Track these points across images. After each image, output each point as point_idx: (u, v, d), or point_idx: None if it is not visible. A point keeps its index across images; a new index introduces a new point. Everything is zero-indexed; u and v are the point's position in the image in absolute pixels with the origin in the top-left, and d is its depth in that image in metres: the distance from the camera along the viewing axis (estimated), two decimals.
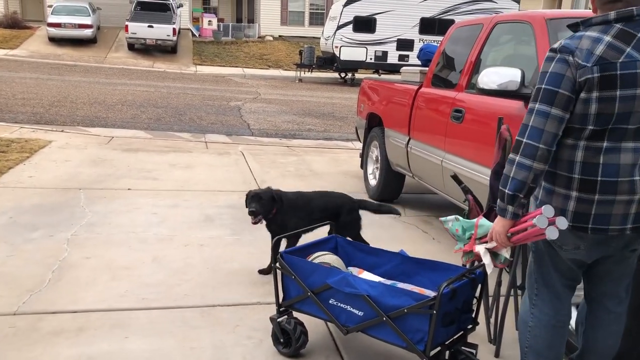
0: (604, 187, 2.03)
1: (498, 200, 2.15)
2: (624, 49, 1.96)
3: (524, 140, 2.04)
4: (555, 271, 2.25)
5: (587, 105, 1.98)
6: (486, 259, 2.31)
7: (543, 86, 2.03)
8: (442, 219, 2.57)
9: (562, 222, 2.02)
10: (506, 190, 2.09)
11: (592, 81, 1.95)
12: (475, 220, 2.41)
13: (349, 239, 3.35)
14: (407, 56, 20.45)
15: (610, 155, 2.01)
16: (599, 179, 2.03)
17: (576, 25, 2.12)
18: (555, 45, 2.05)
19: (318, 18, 30.00)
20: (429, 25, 20.39)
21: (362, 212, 3.97)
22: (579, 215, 2.07)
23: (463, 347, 2.72)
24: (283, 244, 3.54)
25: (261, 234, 4.62)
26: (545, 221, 2.02)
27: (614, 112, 1.97)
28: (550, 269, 2.25)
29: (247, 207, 3.61)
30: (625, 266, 2.25)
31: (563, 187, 2.09)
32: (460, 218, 2.49)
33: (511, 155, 2.08)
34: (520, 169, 2.04)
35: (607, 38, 1.97)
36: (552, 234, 2.02)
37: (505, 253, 2.28)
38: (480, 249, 2.34)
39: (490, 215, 2.64)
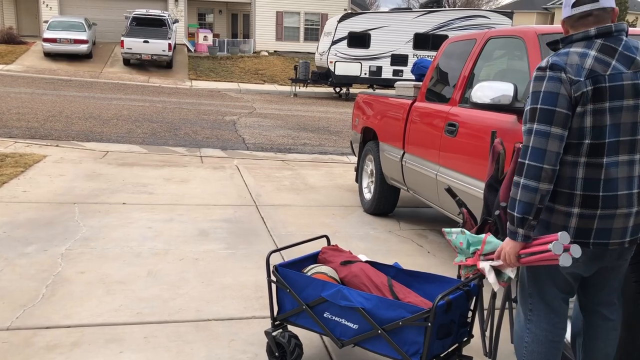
0: (606, 202, 2.06)
1: (508, 223, 2.12)
2: (610, 62, 2.03)
3: (527, 162, 2.03)
4: (553, 285, 2.24)
5: (582, 118, 2.02)
6: (491, 277, 2.28)
7: (539, 106, 2.03)
8: (446, 230, 2.53)
9: (577, 250, 2.00)
10: (515, 214, 2.07)
11: (586, 94, 2.01)
12: (483, 236, 2.36)
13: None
14: (401, 71, 20.60)
15: (611, 170, 2.05)
16: (601, 194, 2.05)
17: (555, 43, 2.18)
18: (543, 64, 2.07)
19: (313, 33, 30.24)
20: (422, 41, 20.57)
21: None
22: (580, 231, 2.09)
23: None
24: (278, 258, 3.54)
25: (256, 249, 4.63)
26: (561, 247, 1.99)
27: (605, 124, 2.02)
28: (548, 283, 2.25)
29: None
30: (618, 274, 2.30)
31: (564, 204, 2.10)
32: (467, 232, 2.44)
33: (516, 178, 2.07)
34: (526, 191, 2.03)
35: (593, 52, 2.05)
36: (566, 261, 1.99)
37: (511, 273, 2.25)
38: (485, 266, 2.30)
39: (484, 228, 2.65)
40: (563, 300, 2.28)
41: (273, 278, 2.90)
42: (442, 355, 2.59)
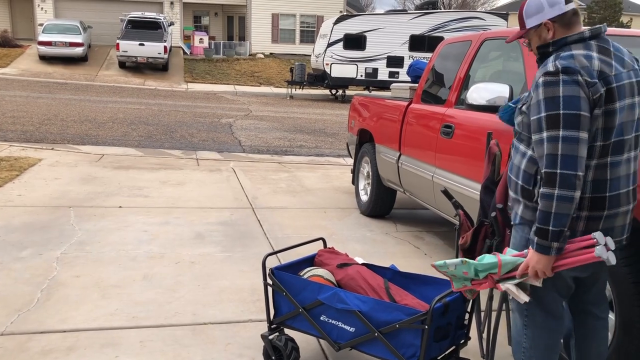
0: (611, 202, 2.06)
1: (536, 238, 1.99)
2: (611, 62, 2.04)
3: (559, 171, 1.92)
4: (554, 290, 2.21)
5: (596, 121, 2.00)
6: (523, 296, 2.11)
7: (562, 111, 1.93)
8: (438, 263, 2.23)
9: (612, 243, 1.96)
10: (550, 228, 1.94)
11: (602, 97, 1.98)
12: (494, 259, 2.13)
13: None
14: (397, 73, 20.61)
15: (615, 169, 2.05)
16: (608, 194, 2.05)
17: (545, 47, 2.15)
18: (552, 69, 1.98)
19: (309, 36, 30.25)
20: (418, 43, 20.59)
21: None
22: (587, 233, 2.07)
23: None
24: (275, 260, 3.54)
25: (252, 252, 4.61)
26: (604, 249, 1.92)
27: (614, 125, 2.01)
28: (548, 288, 2.20)
29: None
30: (606, 271, 2.31)
31: None
32: (469, 260, 2.18)
33: (547, 190, 1.94)
34: (563, 202, 1.92)
35: (595, 54, 2.03)
36: (613, 259, 1.93)
37: (537, 282, 2.08)
38: (509, 287, 2.11)
39: (480, 231, 2.64)
40: (560, 305, 2.26)
41: (269, 281, 2.89)
42: (439, 358, 2.59)
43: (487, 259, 2.13)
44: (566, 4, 2.13)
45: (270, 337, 2.88)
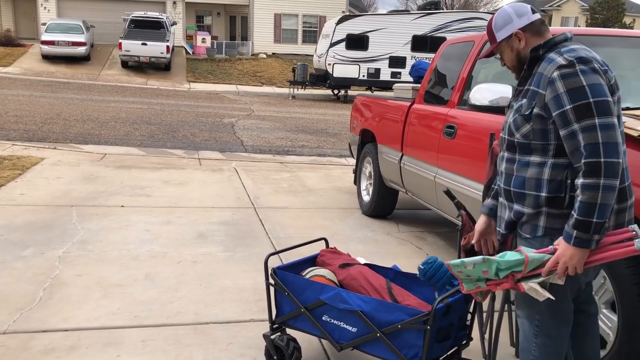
0: (629, 192, 2.06)
1: (576, 232, 1.89)
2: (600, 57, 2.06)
3: (603, 160, 1.86)
4: (570, 296, 2.16)
5: (614, 108, 1.99)
6: (547, 294, 1.99)
7: (591, 100, 1.89)
8: (454, 263, 2.08)
9: None
10: (594, 220, 1.86)
11: (615, 83, 2.00)
12: (519, 256, 1.98)
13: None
14: (400, 73, 20.62)
15: (625, 158, 2.04)
16: (626, 183, 2.05)
17: (536, 50, 2.14)
18: (564, 62, 1.96)
19: (311, 36, 30.27)
20: (421, 43, 20.60)
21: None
22: (617, 227, 2.03)
23: None
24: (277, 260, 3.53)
25: (254, 251, 4.62)
26: None
27: (619, 113, 2.02)
28: (565, 296, 2.14)
29: None
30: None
31: None
32: (491, 258, 2.02)
33: (590, 181, 1.87)
34: (608, 191, 1.86)
35: (587, 48, 2.05)
36: None
37: (560, 280, 1.99)
38: (533, 286, 1.98)
39: None
40: (571, 309, 2.20)
41: (271, 281, 2.89)
42: (441, 359, 2.58)
43: (511, 255, 2.00)
44: (533, 13, 2.17)
45: (272, 336, 2.88)
